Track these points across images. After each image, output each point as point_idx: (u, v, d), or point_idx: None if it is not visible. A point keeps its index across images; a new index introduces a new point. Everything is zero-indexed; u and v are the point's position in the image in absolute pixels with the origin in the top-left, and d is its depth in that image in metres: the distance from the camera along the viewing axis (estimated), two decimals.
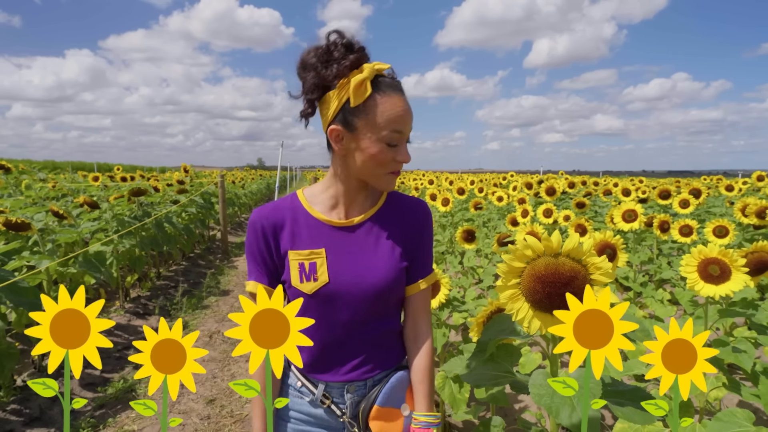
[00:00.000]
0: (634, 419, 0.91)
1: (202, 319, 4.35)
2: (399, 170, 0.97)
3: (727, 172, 35.55)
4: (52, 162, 27.38)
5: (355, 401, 1.02)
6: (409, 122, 0.94)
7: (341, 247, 0.99)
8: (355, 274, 0.97)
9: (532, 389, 0.87)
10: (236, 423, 2.62)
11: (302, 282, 0.96)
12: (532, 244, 0.82)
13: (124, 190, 5.03)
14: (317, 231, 0.99)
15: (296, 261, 0.97)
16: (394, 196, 1.07)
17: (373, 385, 1.03)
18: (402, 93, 0.94)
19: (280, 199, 1.04)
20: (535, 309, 0.85)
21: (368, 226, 1.01)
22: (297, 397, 1.04)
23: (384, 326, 1.03)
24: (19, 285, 2.55)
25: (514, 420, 2.49)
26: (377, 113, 0.90)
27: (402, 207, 1.06)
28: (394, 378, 1.03)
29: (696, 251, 1.10)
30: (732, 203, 5.70)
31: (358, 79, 0.89)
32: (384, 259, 0.99)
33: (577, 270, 0.81)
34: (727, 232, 2.51)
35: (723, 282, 1.06)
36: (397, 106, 0.92)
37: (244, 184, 16.17)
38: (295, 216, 1.00)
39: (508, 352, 1.07)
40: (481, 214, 5.34)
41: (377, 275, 0.98)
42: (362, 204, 1.03)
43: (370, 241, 1.00)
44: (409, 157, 0.96)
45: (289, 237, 0.99)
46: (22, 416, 2.54)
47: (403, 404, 1.03)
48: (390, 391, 1.01)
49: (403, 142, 0.95)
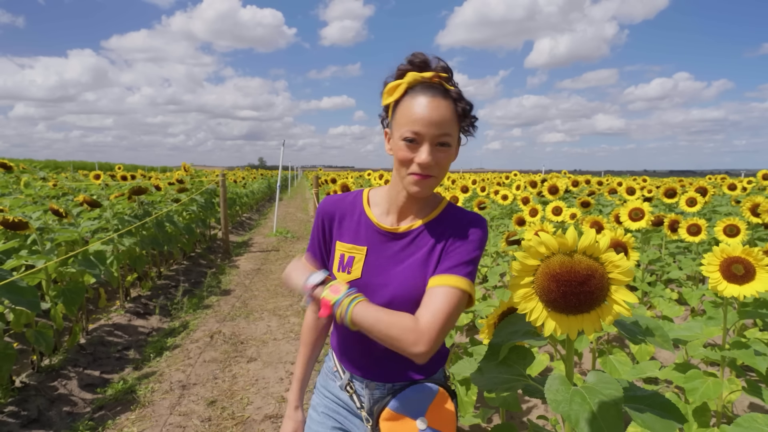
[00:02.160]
0: (655, 427, 0.86)
1: (203, 318, 4.31)
2: (423, 174, 0.94)
3: (729, 171, 35.47)
4: (53, 161, 27.41)
5: (375, 399, 1.07)
6: (430, 123, 0.92)
7: (381, 251, 1.03)
8: (384, 278, 1.01)
9: (548, 395, 0.82)
10: (237, 425, 2.58)
11: (339, 271, 1.04)
12: (547, 240, 0.77)
13: (125, 189, 5.00)
14: (366, 230, 1.05)
15: (340, 251, 1.05)
16: (451, 209, 1.06)
17: (394, 392, 1.06)
18: (437, 96, 0.93)
19: (348, 193, 1.13)
20: (550, 309, 0.81)
21: (413, 236, 1.03)
22: (330, 379, 1.15)
23: None
24: (17, 284, 2.51)
25: (520, 422, 2.44)
26: (401, 113, 0.95)
27: (455, 222, 1.03)
28: (414, 388, 1.05)
29: (718, 250, 1.05)
30: (738, 202, 5.64)
31: (392, 84, 0.97)
32: (419, 272, 0.99)
33: (594, 268, 0.77)
34: (738, 231, 2.46)
35: (747, 282, 1.01)
36: (420, 105, 0.92)
37: (245, 183, 16.15)
38: (353, 211, 1.08)
39: (520, 355, 1.03)
40: (484, 213, 5.29)
41: (406, 286, 0.99)
42: (416, 213, 1.05)
43: (410, 251, 1.02)
44: (427, 158, 0.92)
45: (341, 228, 1.07)
46: (20, 418, 2.50)
47: (421, 417, 1.03)
48: (405, 399, 1.04)
49: (425, 143, 0.93)
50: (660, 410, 0.91)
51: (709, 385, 1.29)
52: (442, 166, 0.96)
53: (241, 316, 4.42)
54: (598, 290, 0.77)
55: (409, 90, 0.95)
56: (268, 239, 9.12)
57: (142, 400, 2.81)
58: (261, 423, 2.60)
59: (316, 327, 1.18)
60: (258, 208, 16.46)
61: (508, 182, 9.06)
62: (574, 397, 0.81)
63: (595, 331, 0.80)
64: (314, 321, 1.18)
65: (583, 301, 0.77)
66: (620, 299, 0.76)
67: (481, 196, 5.65)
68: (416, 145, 0.93)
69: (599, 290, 0.77)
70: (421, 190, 0.96)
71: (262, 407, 2.77)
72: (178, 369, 3.26)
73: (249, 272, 6.25)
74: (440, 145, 0.94)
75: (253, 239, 9.14)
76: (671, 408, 0.91)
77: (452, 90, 0.95)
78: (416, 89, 0.95)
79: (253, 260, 7.07)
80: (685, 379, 1.34)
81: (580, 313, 0.79)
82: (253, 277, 6.00)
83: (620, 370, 1.86)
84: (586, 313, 0.79)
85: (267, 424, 2.60)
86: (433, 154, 0.93)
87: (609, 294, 0.78)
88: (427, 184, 0.96)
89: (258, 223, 12.18)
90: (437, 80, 0.95)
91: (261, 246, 8.36)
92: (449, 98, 0.94)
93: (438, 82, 0.95)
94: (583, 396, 0.81)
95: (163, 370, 3.24)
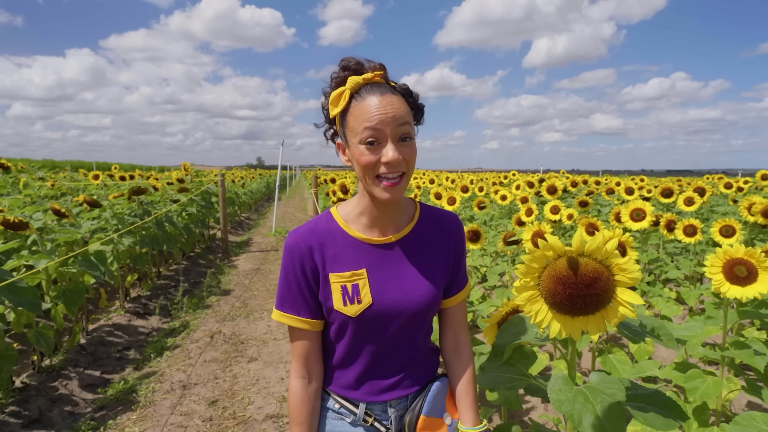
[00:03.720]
0: (657, 425, 0.88)
1: (203, 318, 4.32)
2: (392, 175, 0.89)
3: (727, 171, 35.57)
4: (51, 161, 27.29)
5: (399, 415, 1.03)
6: (388, 121, 0.87)
7: (382, 266, 0.97)
8: (398, 292, 0.96)
9: (551, 394, 0.83)
10: (239, 425, 2.59)
11: (346, 305, 0.94)
12: (554, 244, 0.78)
13: (124, 189, 4.99)
14: (357, 250, 0.97)
15: (338, 284, 0.95)
16: (426, 211, 1.06)
17: (415, 396, 1.04)
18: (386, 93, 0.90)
19: (314, 219, 1.01)
20: (555, 311, 0.82)
21: (406, 244, 1.00)
22: (336, 419, 1.02)
23: (423, 342, 1.04)
24: (17, 285, 2.52)
25: (521, 422, 2.46)
26: (354, 118, 0.90)
27: (436, 222, 1.04)
28: (435, 387, 1.04)
29: (721, 251, 1.06)
30: (735, 201, 5.67)
31: (335, 92, 0.92)
32: (425, 277, 0.99)
33: (600, 271, 0.78)
34: (734, 232, 2.48)
35: (750, 283, 1.02)
36: (373, 104, 0.88)
37: (244, 183, 16.14)
38: (333, 237, 0.98)
39: (523, 355, 1.04)
40: (483, 213, 5.31)
41: (420, 293, 0.98)
42: (397, 221, 1.00)
43: (410, 258, 0.99)
44: (394, 155, 0.87)
45: (329, 259, 0.96)
46: (21, 418, 2.50)
47: (444, 413, 1.04)
48: (433, 401, 1.02)
49: (387, 141, 0.88)
50: (661, 408, 0.93)
51: (709, 384, 1.31)
52: (409, 160, 0.91)
53: (241, 316, 4.43)
54: (603, 293, 0.78)
55: (354, 95, 0.91)
56: (267, 239, 9.12)
57: (143, 400, 2.82)
58: (262, 422, 2.61)
59: (308, 397, 0.99)
60: (257, 208, 16.45)
61: (507, 182, 9.08)
62: (577, 396, 0.83)
63: (599, 332, 0.82)
64: (304, 391, 0.99)
65: (588, 303, 0.78)
66: (625, 301, 0.78)
67: (480, 196, 5.66)
68: (378, 146, 0.88)
69: (605, 293, 0.78)
70: (392, 196, 0.90)
71: (263, 407, 2.78)
72: (179, 369, 3.26)
73: (248, 272, 6.25)
74: (402, 140, 0.90)
75: (252, 239, 9.14)
76: (672, 406, 0.93)
77: (398, 85, 0.94)
78: (361, 92, 0.90)
79: (252, 260, 7.07)
80: (685, 379, 1.36)
81: (584, 315, 0.80)
82: (253, 276, 6.00)
83: (620, 369, 1.88)
84: (591, 314, 0.80)
85: (268, 423, 2.61)
86: (399, 150, 0.88)
87: (614, 296, 0.79)
88: (399, 188, 0.90)
89: (257, 222, 12.18)
90: (379, 79, 0.92)
91: (260, 246, 8.36)
92: (398, 93, 0.92)
93: (380, 80, 0.92)
94: (586, 396, 0.83)
95: (163, 370, 3.25)
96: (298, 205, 17.42)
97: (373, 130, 0.88)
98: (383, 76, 0.93)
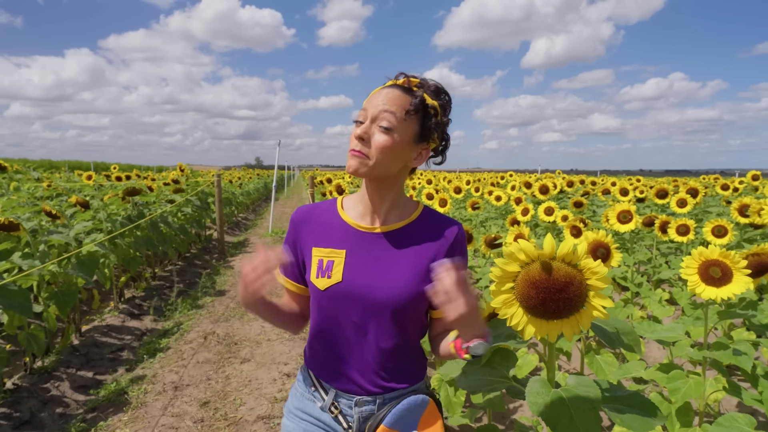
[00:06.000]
0: (634, 426, 0.88)
1: (197, 319, 4.31)
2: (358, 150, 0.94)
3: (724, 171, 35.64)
4: (48, 161, 27.23)
5: (363, 417, 1.02)
6: (374, 103, 0.94)
7: (362, 252, 1.01)
8: (369, 278, 0.98)
9: (528, 397, 0.84)
10: (230, 426, 2.59)
11: (317, 277, 1.00)
12: (526, 248, 0.79)
13: (119, 190, 4.98)
14: (343, 233, 1.03)
15: (317, 257, 1.02)
16: (428, 215, 1.06)
17: (383, 404, 1.02)
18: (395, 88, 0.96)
19: (321, 201, 1.11)
20: (530, 314, 0.83)
21: (395, 237, 1.02)
22: (309, 400, 1.07)
23: (396, 340, 1.01)
24: (8, 288, 2.51)
25: (510, 421, 2.46)
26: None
27: (433, 226, 1.04)
28: (407, 401, 1.00)
29: (696, 253, 1.07)
30: (729, 203, 5.69)
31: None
32: (403, 273, 0.99)
33: (572, 275, 0.78)
34: (726, 232, 2.48)
35: (724, 284, 1.03)
36: (374, 93, 0.97)
37: (241, 183, 16.12)
38: (328, 217, 1.06)
39: (504, 357, 1.04)
40: (478, 214, 5.31)
41: (392, 285, 0.98)
42: (389, 215, 1.04)
43: (393, 252, 1.00)
44: (359, 131, 0.94)
45: (316, 234, 1.04)
46: (12, 420, 2.50)
47: (413, 430, 0.99)
48: (400, 414, 0.99)
49: (367, 120, 0.95)
50: (639, 410, 0.93)
51: (691, 385, 1.31)
52: (377, 147, 0.93)
53: (236, 316, 4.42)
54: (576, 297, 0.78)
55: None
56: (264, 239, 9.12)
57: (135, 402, 2.82)
58: (253, 424, 2.61)
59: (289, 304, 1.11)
60: (254, 208, 16.43)
61: (503, 183, 9.09)
62: (553, 399, 0.83)
63: (574, 334, 0.82)
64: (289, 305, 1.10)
65: (562, 308, 0.78)
66: (598, 305, 0.78)
67: (474, 197, 5.67)
68: (360, 126, 0.95)
69: (578, 297, 0.78)
70: (351, 165, 0.95)
71: (254, 408, 2.78)
72: (172, 370, 3.26)
73: None
74: (382, 128, 0.93)
75: (249, 239, 9.14)
76: (650, 407, 0.93)
77: (417, 91, 0.95)
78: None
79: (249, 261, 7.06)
80: (668, 380, 1.36)
81: (559, 319, 0.81)
82: None
83: (606, 370, 1.88)
84: (565, 318, 0.81)
85: (259, 424, 2.61)
86: (369, 130, 0.94)
87: (588, 300, 0.79)
88: (359, 161, 0.94)
89: (254, 223, 12.17)
90: (403, 82, 0.97)
91: (257, 246, 8.37)
92: (409, 94, 0.95)
93: (403, 83, 0.97)
94: (562, 398, 0.83)
95: (156, 371, 3.24)
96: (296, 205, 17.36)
97: (362, 109, 0.97)
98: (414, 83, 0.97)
